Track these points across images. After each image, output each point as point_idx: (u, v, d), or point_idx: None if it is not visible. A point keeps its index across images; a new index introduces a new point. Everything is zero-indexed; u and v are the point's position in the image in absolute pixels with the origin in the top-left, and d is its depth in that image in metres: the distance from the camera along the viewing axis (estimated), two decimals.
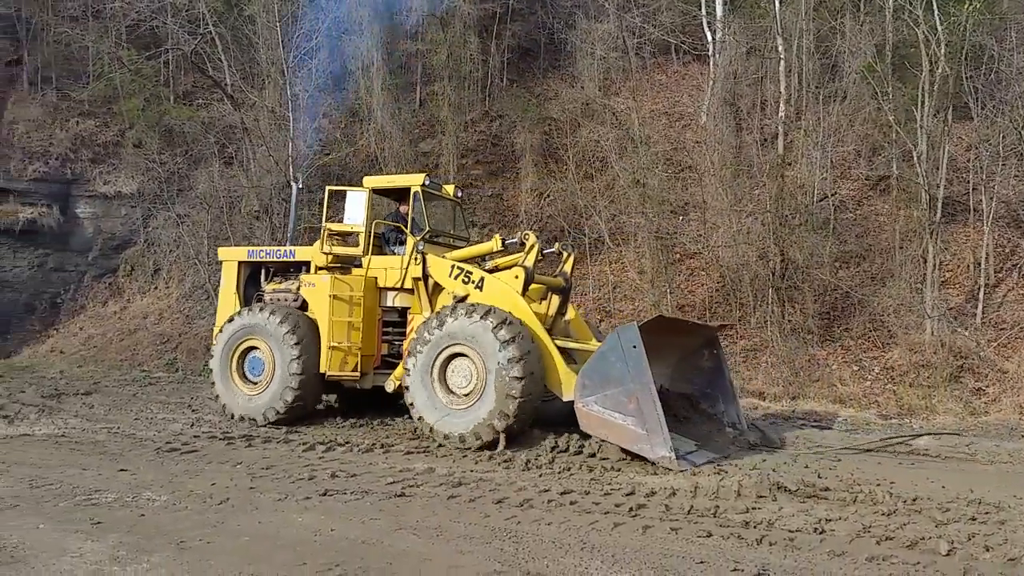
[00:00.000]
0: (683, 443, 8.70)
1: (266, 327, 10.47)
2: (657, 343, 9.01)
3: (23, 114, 22.33)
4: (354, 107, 22.25)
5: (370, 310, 10.63)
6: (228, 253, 12.28)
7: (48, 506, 6.26)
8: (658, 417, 7.98)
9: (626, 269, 17.35)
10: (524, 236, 10.36)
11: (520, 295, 9.68)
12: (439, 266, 10.30)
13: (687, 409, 9.94)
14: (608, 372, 8.39)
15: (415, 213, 10.68)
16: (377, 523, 5.89)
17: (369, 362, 10.62)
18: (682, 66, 23.43)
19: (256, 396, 10.56)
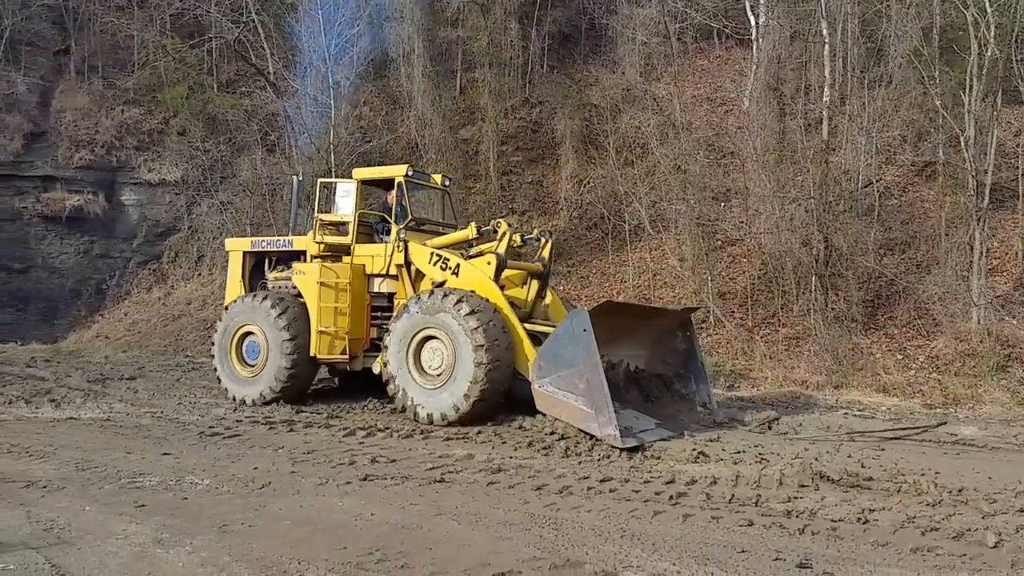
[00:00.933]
0: (644, 420, 9.05)
1: (260, 313, 11.03)
2: (633, 326, 9.79)
3: (70, 103, 22.84)
4: (395, 94, 22.31)
5: (358, 296, 11.01)
6: (234, 244, 12.88)
7: (94, 489, 6.39)
8: (605, 397, 8.25)
9: (666, 256, 17.16)
10: (496, 224, 10.66)
11: (493, 280, 10.02)
12: (420, 253, 10.71)
13: (660, 389, 10.26)
14: (561, 354, 8.71)
15: (400, 202, 11.10)
16: (417, 508, 5.90)
17: (358, 345, 10.98)
18: (724, 51, 23.03)
19: (253, 378, 11.10)
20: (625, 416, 8.81)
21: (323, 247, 11.29)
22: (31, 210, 21.69)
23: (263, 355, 11.03)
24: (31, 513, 5.63)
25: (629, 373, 10.03)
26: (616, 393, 9.05)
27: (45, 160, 22.06)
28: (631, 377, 10.03)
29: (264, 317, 10.97)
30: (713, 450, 8.06)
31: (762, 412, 10.44)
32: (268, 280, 12.07)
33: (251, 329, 11.19)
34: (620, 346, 9.82)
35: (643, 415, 9.24)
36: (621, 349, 9.87)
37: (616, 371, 9.76)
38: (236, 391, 11.24)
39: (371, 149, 21.37)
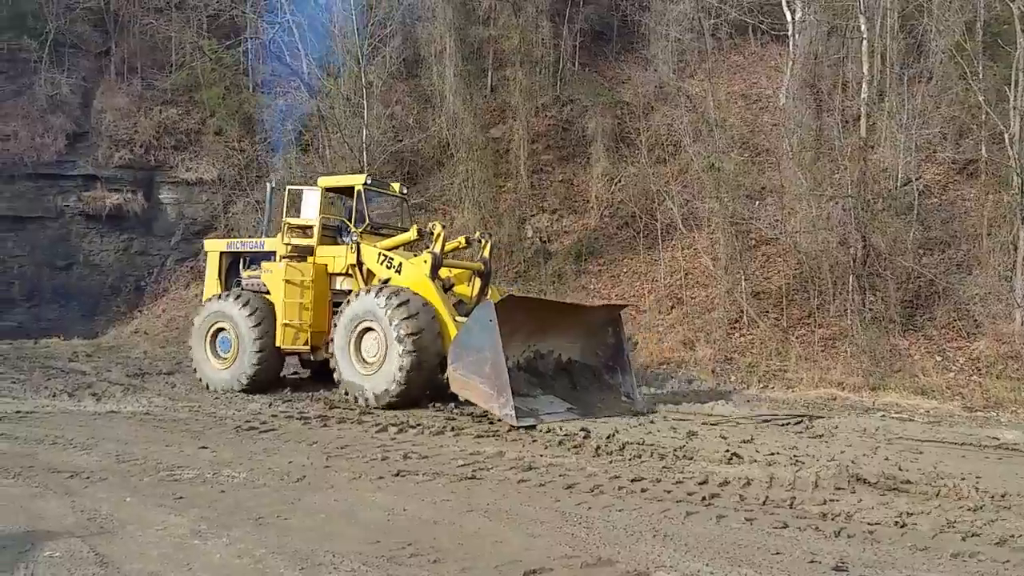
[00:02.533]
0: (557, 405, 10.03)
1: (230, 310, 12.08)
2: (564, 320, 10.98)
3: (110, 103, 23.29)
4: (427, 93, 22.41)
5: (320, 293, 12.04)
6: (212, 244, 14.00)
7: (134, 480, 6.54)
8: (504, 381, 9.15)
9: (699, 255, 17.01)
10: (431, 227, 11.71)
11: (429, 277, 11.06)
12: (369, 254, 11.79)
13: (588, 379, 11.08)
14: (471, 342, 9.68)
15: (358, 208, 12.23)
16: (449, 504, 5.94)
17: (320, 337, 11.88)
18: (760, 47, 22.78)
19: (225, 369, 12.10)
20: (540, 401, 9.92)
21: (290, 248, 12.14)
22: (73, 208, 22.17)
23: (234, 348, 12.01)
24: (75, 503, 5.78)
25: (560, 364, 10.90)
26: (543, 381, 10.40)
27: (86, 159, 22.52)
28: (562, 367, 10.90)
29: (235, 315, 11.98)
30: (747, 451, 8.00)
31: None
32: (242, 278, 13.00)
33: (223, 325, 12.19)
34: (551, 338, 10.77)
35: (558, 400, 10.16)
36: (552, 341, 10.80)
37: (546, 360, 10.73)
38: (211, 381, 12.17)
39: (403, 148, 21.51)
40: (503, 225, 19.97)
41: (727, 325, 15.09)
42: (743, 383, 13.37)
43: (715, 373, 13.73)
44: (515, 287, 18.55)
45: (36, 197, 22.10)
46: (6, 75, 23.31)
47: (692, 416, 10.49)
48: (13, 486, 6.30)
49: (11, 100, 22.68)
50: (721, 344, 14.56)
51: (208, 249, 13.86)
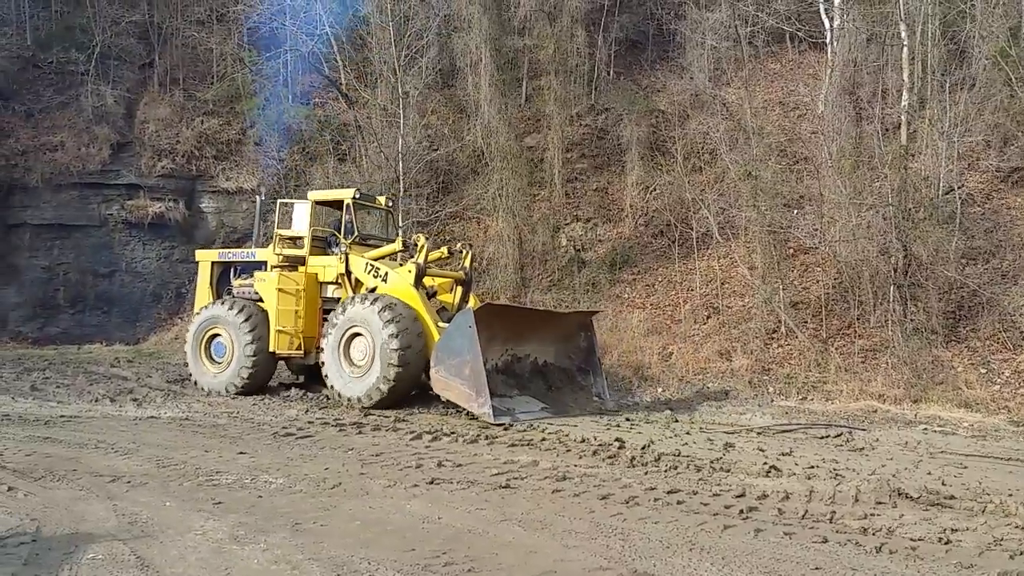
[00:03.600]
0: (532, 404, 10.83)
1: (226, 317, 12.68)
2: (539, 326, 11.90)
3: (153, 114, 23.81)
4: (462, 103, 22.54)
5: (312, 300, 12.72)
6: (204, 255, 14.61)
7: (174, 485, 6.64)
8: (483, 382, 9.93)
9: (735, 264, 16.83)
10: (415, 239, 12.40)
11: (414, 286, 11.70)
12: (357, 264, 12.42)
13: (562, 380, 11.97)
14: (452, 346, 10.42)
15: (347, 220, 12.87)
16: (483, 513, 5.93)
17: (311, 342, 12.62)
18: (798, 54, 22.52)
19: (219, 373, 12.68)
20: (516, 401, 10.74)
21: (282, 258, 12.87)
22: (116, 217, 22.67)
23: (228, 353, 12.61)
24: (117, 507, 5.89)
25: (536, 365, 11.77)
26: (519, 383, 11.27)
27: (130, 169, 23.03)
28: (537, 370, 11.77)
29: (230, 321, 12.59)
30: (785, 464, 7.88)
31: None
32: (233, 287, 13.63)
33: (218, 331, 12.79)
34: (528, 342, 11.65)
35: (534, 400, 11.00)
36: (528, 345, 11.67)
37: (523, 364, 11.61)
38: (206, 385, 12.74)
39: (438, 157, 21.64)
40: (537, 234, 19.99)
41: (764, 335, 14.89)
42: (781, 395, 13.17)
43: (752, 384, 13.55)
44: (548, 296, 18.55)
45: (81, 206, 22.68)
46: (55, 87, 24.00)
47: (729, 428, 10.37)
48: (58, 489, 6.45)
49: (59, 111, 23.32)
50: (758, 355, 14.36)
51: (200, 259, 14.48)
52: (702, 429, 10.07)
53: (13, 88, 23.61)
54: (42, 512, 5.73)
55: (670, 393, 13.44)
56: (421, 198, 21.04)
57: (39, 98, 23.73)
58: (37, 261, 22.40)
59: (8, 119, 22.96)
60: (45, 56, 24.60)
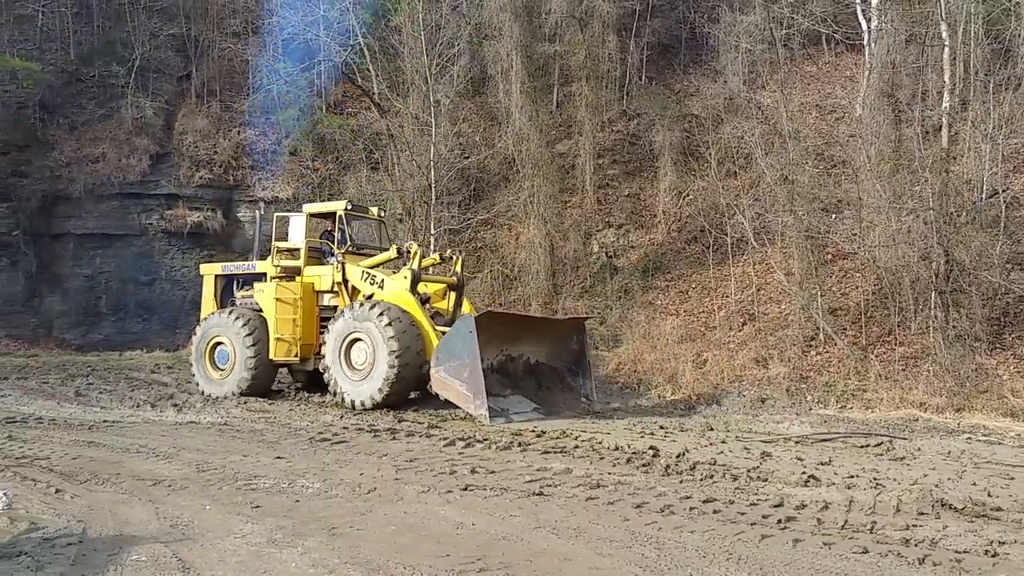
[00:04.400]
0: (524, 405, 11.34)
1: (228, 326, 13.22)
2: (534, 329, 12.56)
3: (191, 125, 24.27)
4: (493, 111, 22.63)
5: (309, 309, 13.24)
6: (207, 268, 15.23)
7: (213, 489, 6.74)
8: (481, 384, 10.43)
9: (771, 270, 16.61)
10: (408, 246, 12.81)
11: (409, 291, 12.17)
12: (354, 272, 12.92)
13: (553, 380, 12.45)
14: (452, 349, 10.93)
15: (340, 231, 13.30)
16: (517, 520, 5.92)
17: (309, 349, 13.18)
18: (834, 56, 22.25)
19: (223, 379, 13.17)
20: (510, 401, 11.25)
21: (280, 269, 13.36)
22: (156, 226, 23.15)
23: (231, 360, 13.13)
24: (159, 510, 6.00)
25: (528, 365, 12.25)
26: (512, 381, 11.79)
27: (169, 179, 23.49)
28: (530, 369, 12.25)
29: (232, 329, 13.11)
30: (824, 474, 7.74)
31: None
32: (236, 298, 14.22)
33: (221, 339, 13.32)
34: (522, 343, 12.13)
35: (526, 400, 11.51)
36: (522, 346, 12.15)
37: (516, 363, 12.06)
38: (209, 390, 13.22)
39: (469, 165, 21.74)
40: (568, 240, 19.96)
41: (802, 343, 14.67)
42: (819, 403, 12.96)
43: (790, 392, 13.35)
44: (580, 303, 18.50)
45: (122, 215, 23.19)
46: (96, 100, 24.61)
47: (766, 436, 10.23)
48: (102, 492, 6.58)
49: (100, 123, 23.90)
50: (796, 362, 14.15)
51: (204, 272, 15.14)
52: (738, 438, 9.94)
53: (57, 102, 24.26)
54: (88, 514, 5.86)
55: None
56: (453, 206, 21.15)
57: (82, 111, 24.35)
58: (80, 270, 22.96)
59: (52, 132, 23.60)
60: (87, 70, 25.27)
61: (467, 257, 20.87)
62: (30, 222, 22.54)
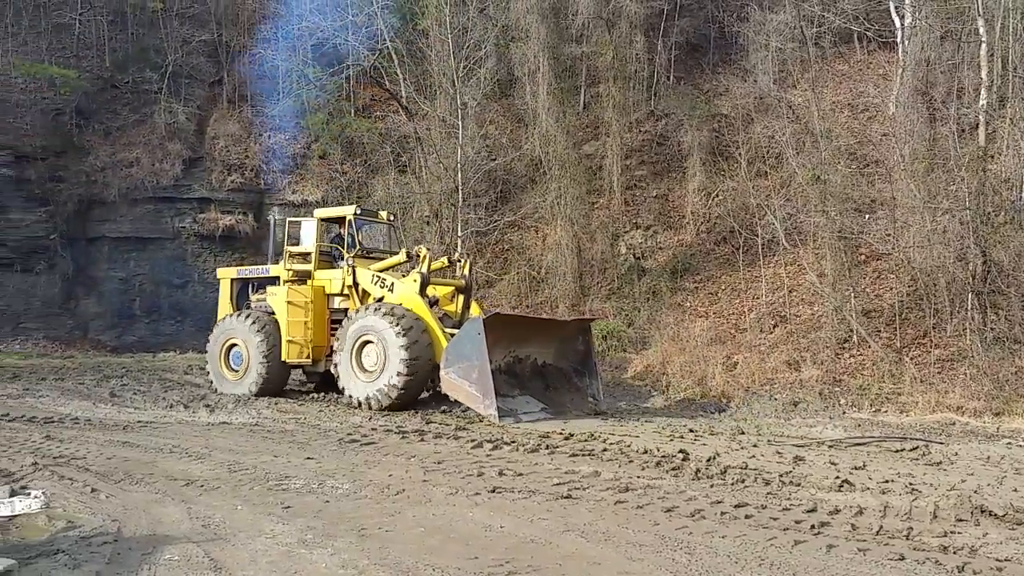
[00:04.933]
0: (532, 405, 11.50)
1: (242, 329, 13.57)
2: (541, 330, 12.79)
3: (223, 130, 24.62)
4: (520, 112, 22.63)
5: (319, 311, 13.50)
6: (224, 272, 15.64)
7: (245, 489, 6.79)
8: (490, 385, 10.64)
9: (803, 271, 16.40)
10: (418, 251, 13.06)
11: (418, 294, 12.38)
12: (364, 276, 13.16)
13: (560, 381, 12.60)
14: (462, 351, 11.13)
15: (349, 235, 13.60)
16: (545, 523, 5.89)
17: (320, 351, 13.44)
18: (866, 54, 21.94)
19: (237, 380, 13.53)
20: (518, 401, 11.39)
21: (291, 273, 13.72)
22: (189, 229, 23.52)
23: (245, 361, 13.47)
24: (191, 510, 6.06)
25: (536, 366, 12.42)
26: (520, 382, 11.93)
27: (201, 183, 23.88)
28: (537, 370, 12.43)
29: (245, 331, 13.44)
30: (858, 478, 7.60)
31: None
32: (252, 301, 14.57)
33: (236, 341, 13.66)
34: (529, 345, 12.31)
35: (534, 400, 11.65)
36: (530, 347, 12.33)
37: (523, 364, 12.24)
38: (225, 389, 13.57)
39: (496, 167, 21.76)
40: (596, 242, 19.89)
41: (835, 345, 14.46)
42: (853, 406, 12.76)
43: (822, 395, 13.16)
44: (608, 305, 18.42)
45: (155, 219, 23.60)
46: (130, 106, 25.06)
47: (798, 440, 10.09)
48: (136, 491, 6.67)
49: (134, 129, 24.34)
50: (829, 365, 13.95)
51: (220, 276, 15.51)
52: (770, 441, 9.81)
53: (93, 108, 24.74)
54: (122, 513, 5.94)
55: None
56: (480, 208, 21.18)
57: (116, 116, 24.81)
58: (115, 273, 23.40)
59: (88, 137, 24.07)
60: (122, 77, 25.74)
61: (493, 259, 21.02)
62: (67, 226, 23.01)
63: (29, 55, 24.59)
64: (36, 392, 13.17)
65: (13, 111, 23.31)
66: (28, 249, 22.68)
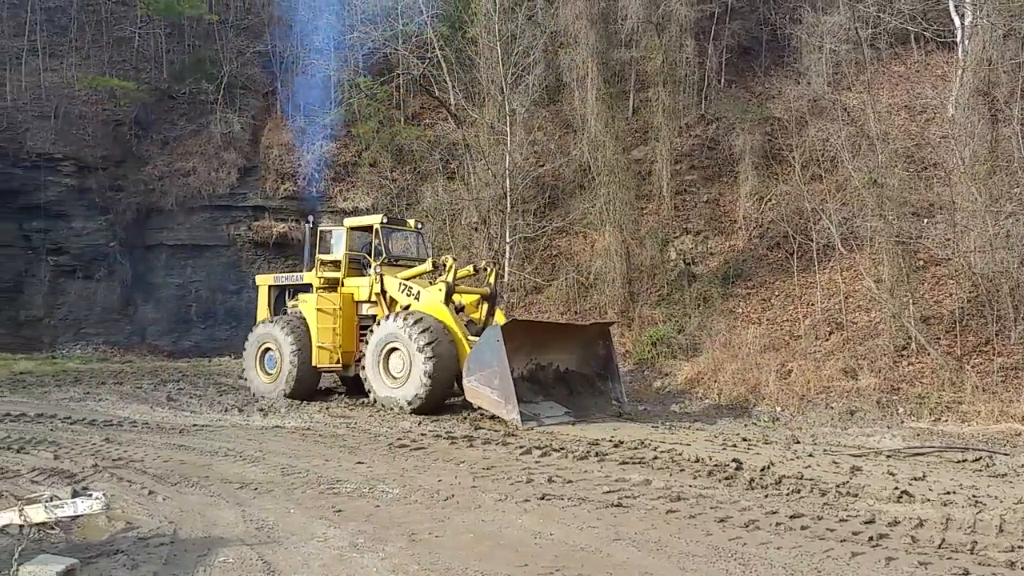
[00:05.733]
0: (556, 410, 11.67)
1: (275, 334, 14.06)
2: (561, 337, 13.00)
3: (276, 139, 25.13)
4: (568, 118, 22.59)
5: (348, 318, 13.87)
6: (262, 279, 16.20)
7: (297, 492, 6.90)
8: (511, 389, 10.84)
9: (860, 277, 15.98)
10: (443, 260, 13.37)
11: (444, 303, 12.69)
12: (391, 283, 13.51)
13: (583, 386, 12.83)
14: (482, 359, 11.32)
15: (377, 244, 13.98)
16: (595, 531, 5.84)
17: (349, 356, 13.79)
18: (924, 55, 21.37)
19: (271, 382, 14.07)
20: (542, 406, 11.61)
21: (322, 280, 13.98)
22: (244, 237, 24.06)
23: (278, 365, 13.98)
24: (245, 512, 6.17)
25: (559, 373, 12.65)
26: (543, 389, 12.16)
27: (255, 192, 24.42)
28: (560, 377, 12.65)
29: (279, 336, 13.92)
30: (918, 489, 7.38)
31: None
32: (288, 307, 15.05)
33: (270, 345, 14.22)
34: (551, 351, 12.58)
35: (557, 405, 11.85)
36: (551, 354, 12.59)
37: (546, 372, 12.49)
38: (259, 391, 14.17)
39: (545, 173, 21.73)
40: (645, 248, 19.70)
41: (893, 352, 14.05)
42: (912, 416, 12.38)
43: (880, 404, 12.79)
44: (657, 311, 18.22)
45: (211, 227, 24.20)
46: (187, 116, 25.76)
47: (855, 450, 9.83)
48: (192, 494, 6.82)
49: (191, 139, 25.00)
50: (887, 373, 13.55)
51: (259, 283, 16.12)
52: (826, 451, 9.57)
53: (151, 118, 25.50)
54: (178, 515, 6.08)
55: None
56: (528, 214, 21.19)
57: (174, 127, 25.52)
58: (172, 279, 24.04)
59: (147, 147, 24.81)
60: (179, 88, 26.48)
61: (541, 265, 20.99)
62: (126, 234, 23.72)
63: (91, 68, 25.48)
64: (96, 396, 13.60)
65: (76, 123, 24.15)
66: (89, 257, 23.44)
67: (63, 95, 24.50)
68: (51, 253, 23.29)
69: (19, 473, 7.49)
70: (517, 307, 19.84)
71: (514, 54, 20.30)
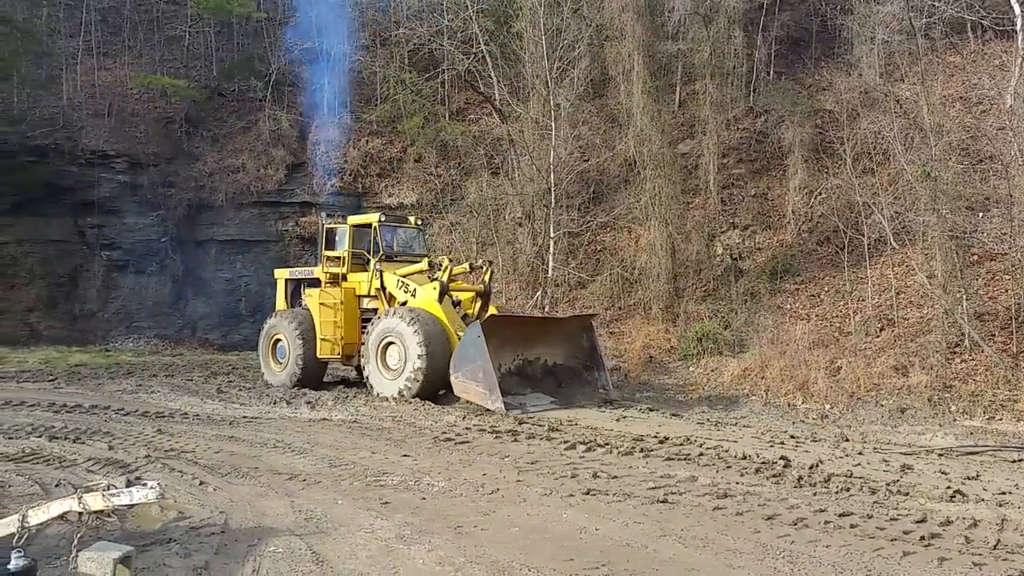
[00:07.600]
0: (542, 399, 12.28)
1: (284, 326, 14.88)
2: (544, 332, 13.55)
3: (323, 136, 25.48)
4: (613, 112, 22.44)
5: (351, 312, 14.51)
6: (280, 273, 16.84)
7: (344, 484, 7.01)
8: (494, 382, 11.44)
9: (912, 272, 15.59)
10: (439, 260, 14.00)
11: (438, 300, 13.25)
12: (390, 280, 14.09)
13: (571, 377, 13.37)
14: (466, 354, 11.93)
15: (376, 240, 14.56)
16: (641, 527, 5.83)
17: (352, 348, 14.43)
18: (980, 45, 20.72)
19: (280, 372, 14.92)
20: (528, 397, 12.20)
21: (328, 275, 14.71)
22: (291, 232, 24.48)
23: (287, 356, 14.79)
24: (294, 503, 6.30)
25: (546, 367, 13.22)
26: (532, 383, 12.73)
27: (303, 188, 24.81)
28: (548, 370, 13.21)
29: (287, 328, 14.74)
30: (972, 489, 7.20)
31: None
32: (303, 300, 15.52)
33: (280, 337, 15.02)
34: (536, 346, 13.13)
35: (544, 395, 12.47)
36: (537, 349, 13.15)
37: (533, 366, 13.05)
38: (270, 379, 15.02)
39: (589, 167, 21.64)
40: (691, 242, 19.50)
41: (946, 349, 13.69)
42: (965, 414, 12.06)
43: (932, 402, 12.48)
44: (703, 307, 18.04)
45: (260, 223, 24.66)
46: (237, 113, 26.29)
47: (906, 448, 9.61)
48: (243, 485, 6.98)
49: (240, 136, 25.50)
50: (939, 370, 13.21)
51: (277, 277, 16.77)
52: (876, 449, 9.38)
53: (201, 116, 26.08)
54: (229, 506, 6.23)
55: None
56: (572, 208, 21.14)
57: (223, 124, 26.07)
58: (222, 274, 24.58)
59: (197, 144, 25.38)
60: (228, 85, 27.03)
61: (586, 260, 20.94)
62: (177, 229, 24.32)
63: (143, 67, 26.16)
64: (148, 388, 13.99)
65: (129, 120, 24.84)
66: (141, 252, 24.10)
67: (116, 93, 25.21)
68: (104, 248, 24.02)
69: (75, 463, 7.75)
70: (561, 302, 19.83)
71: (559, 48, 20.23)
